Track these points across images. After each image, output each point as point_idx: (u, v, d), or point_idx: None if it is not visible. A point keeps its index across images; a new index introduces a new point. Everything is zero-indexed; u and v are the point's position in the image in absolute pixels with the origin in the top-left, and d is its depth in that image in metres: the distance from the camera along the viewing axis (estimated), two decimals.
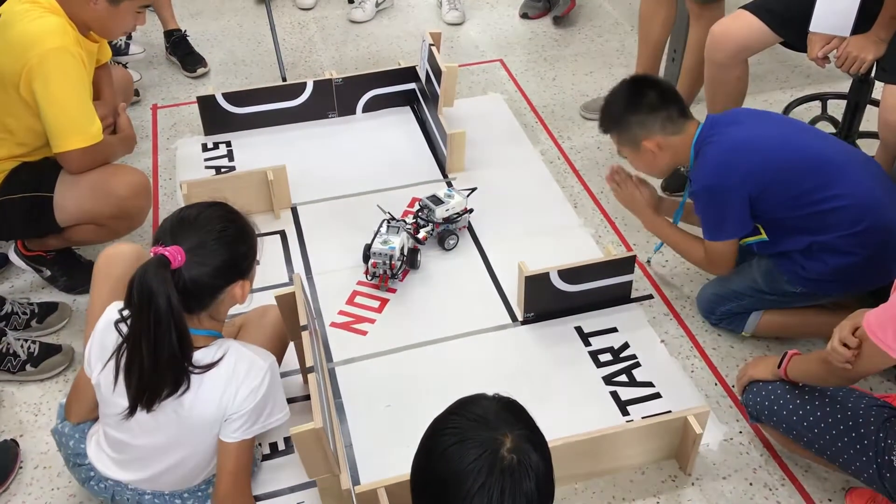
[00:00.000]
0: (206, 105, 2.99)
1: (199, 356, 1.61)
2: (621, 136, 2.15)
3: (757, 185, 2.00)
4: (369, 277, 2.44)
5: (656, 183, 2.78)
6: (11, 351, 2.12)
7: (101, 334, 1.68)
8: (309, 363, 1.81)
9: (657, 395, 2.12)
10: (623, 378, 2.16)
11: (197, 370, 1.60)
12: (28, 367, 2.14)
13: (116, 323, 1.62)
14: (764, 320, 2.22)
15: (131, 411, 1.61)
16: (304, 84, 3.03)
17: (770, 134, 2.05)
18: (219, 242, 1.58)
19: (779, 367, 1.82)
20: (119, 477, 1.75)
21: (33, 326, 2.28)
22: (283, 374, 2.16)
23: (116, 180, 2.22)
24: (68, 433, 1.82)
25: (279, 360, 2.07)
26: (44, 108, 2.09)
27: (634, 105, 2.09)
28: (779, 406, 1.81)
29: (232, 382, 1.62)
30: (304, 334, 1.87)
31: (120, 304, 1.61)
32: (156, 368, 1.55)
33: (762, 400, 1.84)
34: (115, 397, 1.64)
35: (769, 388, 1.84)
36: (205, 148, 3.00)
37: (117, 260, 1.94)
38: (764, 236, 2.09)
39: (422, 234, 2.52)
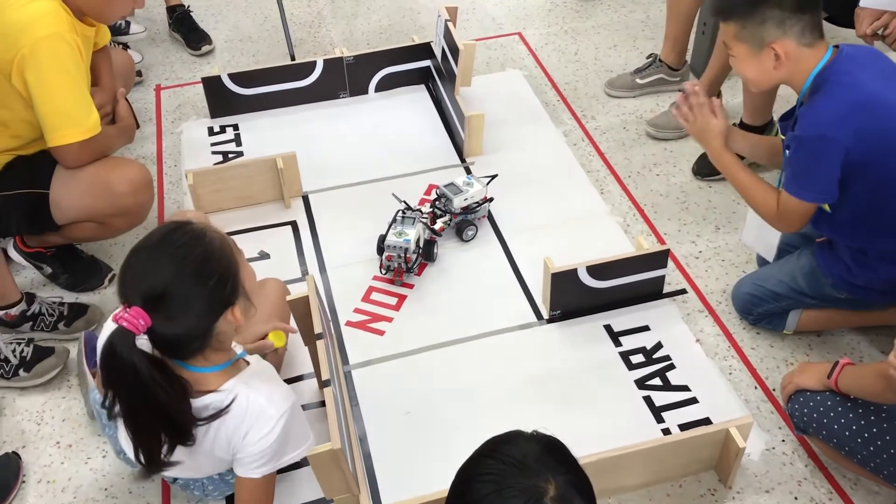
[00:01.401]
0: (212, 86, 2.84)
1: (208, 401, 1.48)
2: (746, 29, 1.73)
3: (860, 151, 1.69)
4: (384, 271, 2.31)
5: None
6: (2, 356, 2.01)
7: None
8: (325, 375, 1.69)
9: (693, 401, 1.99)
10: (657, 381, 2.04)
11: (202, 422, 1.47)
12: (21, 371, 2.03)
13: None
14: (805, 316, 2.09)
15: (147, 473, 1.52)
16: (314, 63, 2.88)
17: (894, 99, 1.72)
18: (180, 287, 1.37)
19: (829, 376, 1.69)
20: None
21: (60, 329, 2.16)
22: (299, 378, 2.06)
23: (116, 175, 2.09)
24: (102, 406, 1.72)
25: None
26: (37, 99, 1.95)
27: None
28: (829, 419, 1.68)
29: (242, 426, 1.50)
30: (319, 343, 1.75)
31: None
32: (155, 433, 1.45)
33: (810, 411, 1.72)
34: None
35: (818, 399, 1.71)
36: (211, 132, 2.86)
37: None
38: (826, 208, 1.83)
39: (439, 224, 2.39)
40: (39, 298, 2.17)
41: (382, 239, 2.31)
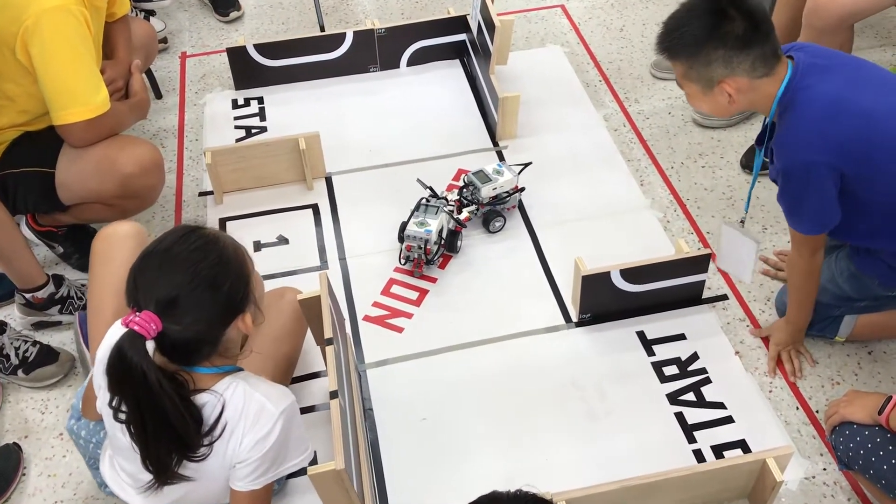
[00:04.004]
0: (237, 57, 2.72)
1: (203, 400, 1.39)
2: (693, 71, 1.62)
3: (851, 161, 1.59)
4: (403, 262, 2.20)
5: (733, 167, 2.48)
6: (4, 352, 1.94)
7: (102, 364, 1.47)
8: (333, 386, 1.58)
9: (729, 420, 1.85)
10: (690, 396, 1.90)
11: (208, 438, 1.38)
12: (20, 372, 1.95)
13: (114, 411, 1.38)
14: (862, 321, 1.94)
15: (158, 484, 1.42)
16: (344, 35, 2.74)
17: (868, 99, 1.59)
18: (194, 292, 1.31)
19: (880, 412, 1.54)
20: (137, 503, 1.57)
21: None
22: (314, 376, 1.96)
23: (123, 156, 1.98)
24: (85, 437, 1.65)
25: (299, 345, 1.88)
26: (41, 75, 1.85)
27: (720, 35, 1.57)
28: (877, 458, 1.53)
29: (237, 429, 1.40)
30: (329, 349, 1.64)
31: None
32: (163, 441, 1.35)
33: (856, 447, 1.57)
34: (122, 435, 1.44)
35: (865, 434, 1.57)
36: (235, 104, 2.75)
37: (115, 242, 1.75)
38: None
39: (464, 214, 2.26)
40: (68, 281, 2.10)
41: (404, 227, 2.19)
